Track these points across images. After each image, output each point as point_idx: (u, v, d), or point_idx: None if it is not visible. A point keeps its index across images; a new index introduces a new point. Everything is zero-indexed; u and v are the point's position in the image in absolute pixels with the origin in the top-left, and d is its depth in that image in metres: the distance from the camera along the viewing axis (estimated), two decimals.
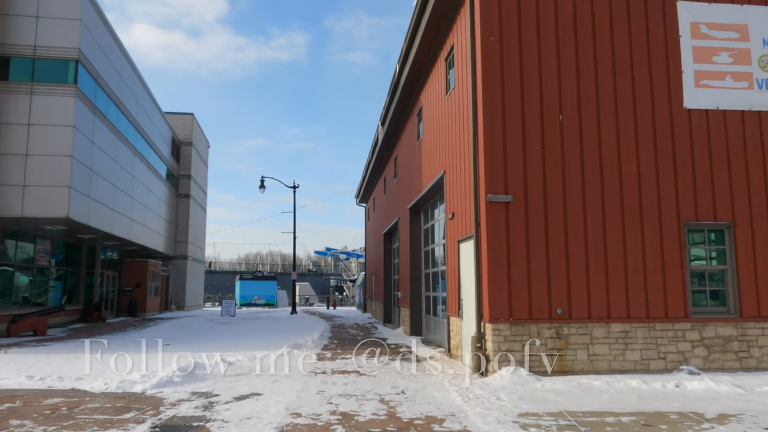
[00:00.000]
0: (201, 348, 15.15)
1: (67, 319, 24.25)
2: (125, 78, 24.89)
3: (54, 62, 18.71)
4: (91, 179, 20.30)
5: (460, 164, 11.40)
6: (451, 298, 11.97)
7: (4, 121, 18.09)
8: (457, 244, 11.47)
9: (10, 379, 9.40)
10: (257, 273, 54.11)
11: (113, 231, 23.27)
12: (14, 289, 20.98)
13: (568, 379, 8.83)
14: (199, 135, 43.05)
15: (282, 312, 36.58)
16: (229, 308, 29.73)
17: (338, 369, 10.68)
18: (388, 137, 21.02)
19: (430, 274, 16.43)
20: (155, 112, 31.58)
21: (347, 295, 67.98)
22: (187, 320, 27.32)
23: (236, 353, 13.40)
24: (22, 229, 20.76)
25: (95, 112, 20.63)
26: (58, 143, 18.25)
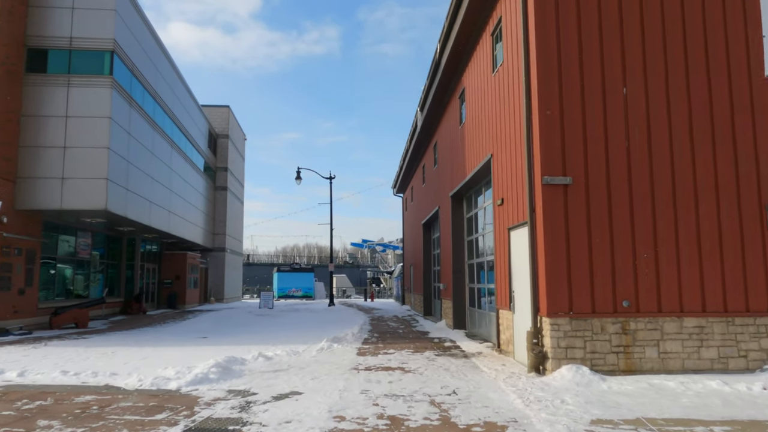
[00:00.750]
0: (239, 341, 14.78)
1: (108, 311, 24.41)
2: (161, 69, 24.77)
3: (89, 53, 18.58)
4: (129, 171, 20.19)
5: (509, 146, 10.57)
6: (501, 290, 11.18)
7: (43, 113, 18.07)
8: (507, 232, 10.67)
9: (44, 374, 9.10)
10: (294, 265, 54.15)
11: (151, 223, 23.23)
12: (56, 282, 21.12)
13: (636, 379, 7.97)
14: (235, 127, 43.05)
15: (320, 304, 36.32)
16: (267, 300, 29.54)
17: (381, 365, 10.05)
18: (428, 123, 20.23)
19: (474, 265, 15.65)
20: (192, 105, 31.54)
21: (384, 287, 67.56)
22: (226, 312, 27.23)
23: (275, 347, 12.94)
24: (64, 222, 20.85)
25: (131, 103, 20.50)
26: (95, 135, 18.13)
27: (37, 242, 18.97)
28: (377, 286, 67.89)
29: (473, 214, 15.81)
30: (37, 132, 17.98)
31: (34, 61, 18.35)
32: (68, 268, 22.24)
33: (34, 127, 17.99)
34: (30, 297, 18.53)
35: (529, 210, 8.91)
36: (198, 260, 35.10)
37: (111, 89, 18.46)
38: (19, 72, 17.97)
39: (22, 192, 17.70)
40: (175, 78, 27.50)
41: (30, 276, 18.54)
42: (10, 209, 17.35)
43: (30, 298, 18.53)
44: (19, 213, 17.78)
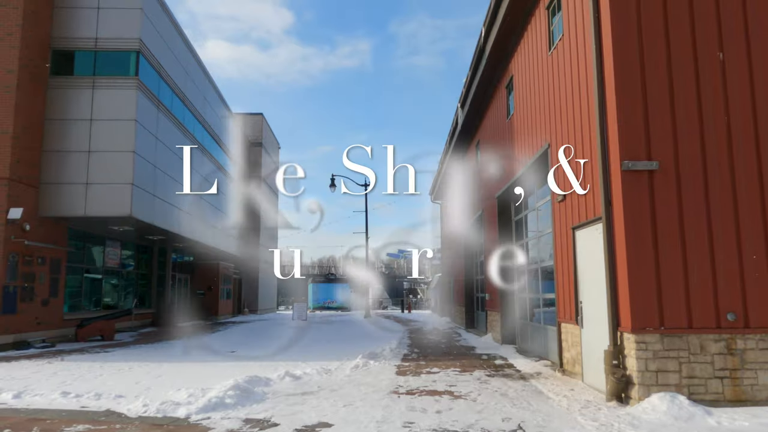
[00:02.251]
0: (267, 356, 13.55)
1: (137, 323, 23.64)
2: (191, 73, 24.08)
3: (115, 54, 17.88)
4: (156, 177, 19.37)
5: (572, 131, 9.07)
6: (564, 301, 9.62)
7: (68, 117, 17.40)
8: (571, 232, 9.13)
9: (43, 396, 8.00)
10: (329, 276, 53.06)
11: (181, 232, 22.39)
12: (83, 293, 20.42)
13: (750, 412, 6.33)
14: (269, 135, 42.42)
15: (355, 316, 35.02)
16: (301, 312, 28.39)
17: (425, 388, 8.61)
18: (469, 120, 18.79)
19: (525, 272, 14.07)
20: (224, 112, 30.88)
21: (421, 298, 65.84)
22: (258, 324, 26.19)
23: (304, 364, 11.64)
24: (91, 230, 20.16)
25: (159, 106, 19.73)
26: (120, 138, 17.35)
27: (62, 251, 18.25)
28: (414, 297, 66.25)
29: (523, 216, 14.26)
30: (62, 136, 17.31)
31: (59, 63, 17.73)
32: (96, 278, 21.54)
33: (58, 131, 17.33)
34: (55, 308, 17.77)
35: (603, 203, 7.38)
36: (231, 270, 34.31)
37: (136, 91, 17.67)
38: (44, 75, 17.35)
39: (45, 198, 17.00)
40: (206, 83, 26.83)
41: (55, 286, 17.80)
42: (34, 216, 16.65)
43: (55, 309, 17.76)
44: (43, 220, 17.08)
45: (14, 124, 15.80)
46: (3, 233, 15.27)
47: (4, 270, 15.25)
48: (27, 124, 16.42)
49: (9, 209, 15.33)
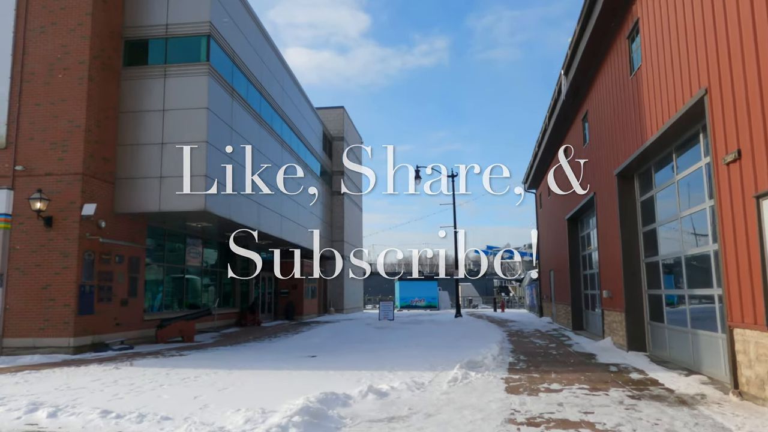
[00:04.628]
0: (349, 363, 11.85)
1: (222, 322, 22.93)
2: (268, 63, 23.03)
3: (185, 40, 16.96)
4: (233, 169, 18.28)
5: (751, 64, 6.55)
6: (740, 298, 7.08)
7: (142, 108, 16.68)
8: (754, 202, 6.60)
9: (80, 415, 6.65)
10: None
11: (260, 227, 21.34)
12: (164, 292, 19.82)
13: None
14: (351, 130, 41.23)
15: (445, 315, 32.92)
16: (387, 311, 26.72)
17: (552, 415, 6.45)
18: (575, 88, 16.18)
19: (656, 264, 11.44)
20: (304, 104, 29.84)
21: (513, 296, 62.48)
22: (343, 324, 24.80)
23: (391, 374, 9.80)
24: (170, 227, 19.52)
25: (233, 94, 18.69)
26: (192, 128, 16.37)
27: (141, 249, 17.61)
28: (506, 295, 63.05)
29: (652, 195, 11.62)
30: (135, 129, 16.59)
31: (132, 53, 17.06)
32: (178, 278, 20.95)
33: (132, 123, 16.63)
34: (134, 308, 17.12)
35: None
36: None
37: (208, 77, 16.64)
38: (116, 66, 16.72)
39: (121, 194, 16.34)
40: (284, 74, 25.78)
41: (134, 285, 17.16)
42: (110, 213, 16.02)
43: (134, 309, 17.12)
44: (120, 217, 16.44)
45: (87, 118, 15.16)
46: (77, 230, 14.65)
47: (80, 269, 14.61)
48: (100, 118, 15.78)
49: (83, 205, 14.69)
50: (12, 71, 15.38)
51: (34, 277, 14.50)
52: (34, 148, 15.04)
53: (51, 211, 14.61)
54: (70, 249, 14.56)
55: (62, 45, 15.38)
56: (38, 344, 14.21)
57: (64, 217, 14.68)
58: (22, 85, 15.32)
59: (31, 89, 15.28)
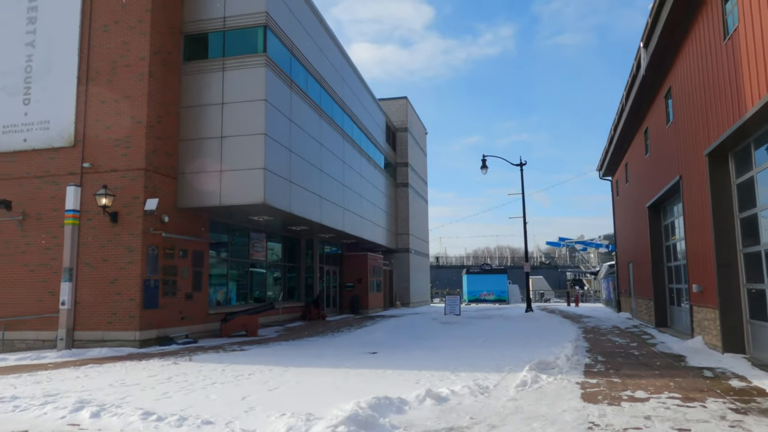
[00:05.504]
0: (410, 360, 11.21)
1: (286, 316, 22.90)
2: (327, 54, 22.66)
3: (242, 32, 16.79)
4: (291, 162, 18.08)
5: None
6: None
7: (202, 103, 16.68)
8: None
9: (122, 417, 6.36)
10: (485, 266, 49.85)
11: (322, 221, 21.06)
12: (228, 286, 19.92)
13: None
14: (415, 121, 40.46)
15: (515, 309, 31.64)
16: (454, 306, 25.84)
17: (637, 430, 5.51)
18: (656, 62, 14.67)
19: (761, 254, 10.03)
20: (366, 96, 29.37)
21: (588, 290, 59.74)
22: (409, 319, 24.19)
23: (454, 376, 9.07)
24: (233, 221, 19.56)
25: (291, 86, 18.41)
26: (250, 121, 16.20)
27: (204, 243, 17.71)
28: (580, 288, 60.40)
29: (752, 176, 10.19)
30: (196, 123, 16.63)
31: (191, 47, 17.11)
32: (242, 272, 21.03)
33: (192, 118, 16.68)
34: (199, 302, 17.24)
35: None
36: (380, 262, 32.88)
37: (265, 68, 16.39)
38: (177, 61, 16.80)
39: (183, 189, 16.43)
40: (345, 65, 25.38)
41: (198, 280, 17.27)
42: (173, 208, 16.14)
43: (199, 303, 17.24)
44: (183, 212, 16.54)
45: (148, 114, 15.29)
46: (141, 225, 14.80)
47: (144, 263, 14.76)
48: (161, 113, 15.89)
49: (146, 200, 14.82)
50: (79, 71, 15.74)
51: (102, 272, 14.79)
52: (100, 145, 15.33)
53: (116, 206, 14.84)
54: (135, 244, 14.73)
55: (124, 42, 15.58)
56: (107, 337, 14.49)
57: (128, 213, 14.88)
58: (88, 84, 15.65)
59: (96, 88, 15.58)
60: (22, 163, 15.83)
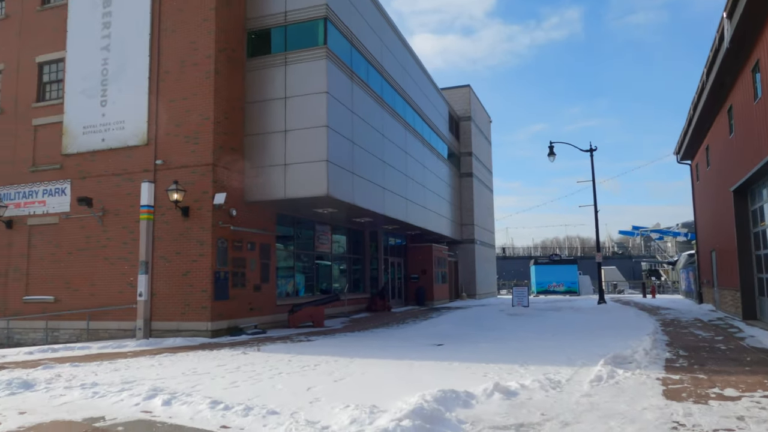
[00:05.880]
0: (476, 352, 10.94)
1: (352, 308, 23.06)
2: (388, 44, 22.51)
3: (303, 25, 16.90)
4: (354, 153, 18.09)
5: None
6: None
7: (266, 98, 16.96)
8: None
9: (191, 405, 6.49)
10: (554, 256, 48.40)
11: (385, 212, 21.00)
12: (295, 278, 20.24)
13: None
14: (478, 109, 39.69)
15: (586, 301, 30.50)
16: (522, 297, 25.18)
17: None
18: (741, 33, 13.53)
19: None
20: (428, 85, 29.02)
21: (666, 280, 56.83)
22: (475, 310, 23.79)
23: (523, 369, 8.74)
24: (299, 214, 19.83)
25: (352, 77, 18.39)
26: (312, 114, 16.30)
27: (271, 236, 18.05)
28: (656, 279, 57.57)
29: None
30: (260, 118, 16.92)
31: (255, 43, 17.40)
32: (308, 264, 21.32)
33: (257, 113, 16.98)
34: (267, 294, 17.61)
35: None
36: (445, 253, 32.54)
37: (326, 60, 16.43)
38: (241, 58, 17.14)
39: (249, 183, 16.78)
40: (406, 55, 25.14)
41: (266, 271, 17.64)
42: (240, 202, 16.52)
43: (267, 294, 17.61)
44: (250, 206, 16.90)
45: (215, 110, 15.68)
46: (211, 219, 15.23)
47: (214, 256, 15.19)
48: (227, 109, 16.26)
49: (214, 195, 15.23)
50: (150, 72, 16.34)
51: (176, 265, 15.35)
52: (170, 143, 15.88)
53: (187, 201, 15.34)
54: (205, 237, 15.18)
55: (191, 42, 16.03)
56: (181, 327, 15.04)
57: (198, 207, 15.34)
58: (158, 84, 16.23)
59: (165, 87, 16.13)
60: (100, 162, 16.66)
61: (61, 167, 17.20)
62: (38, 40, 18.23)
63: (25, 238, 17.46)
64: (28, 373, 8.97)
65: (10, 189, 17.90)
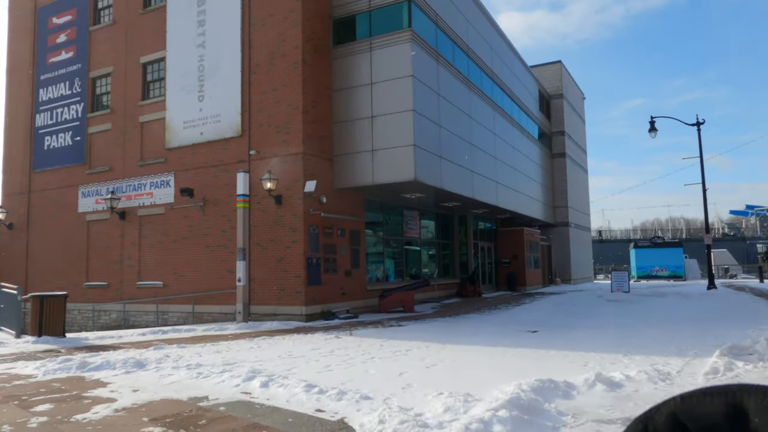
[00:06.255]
0: (574, 340, 10.46)
1: (442, 293, 22.91)
2: (474, 23, 21.91)
3: (387, 9, 16.78)
4: (441, 136, 17.82)
5: None
6: None
7: (351, 84, 17.07)
8: None
9: (287, 387, 6.64)
10: (656, 239, 45.50)
11: (474, 195, 20.58)
12: (384, 263, 20.37)
13: None
14: (570, 85, 37.86)
15: (693, 286, 28.41)
16: (621, 282, 23.87)
17: None
18: None
19: None
20: (516, 63, 28.03)
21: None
22: (570, 296, 22.88)
23: (627, 358, 8.24)
24: (387, 200, 19.90)
25: (438, 59, 18.06)
26: (398, 98, 16.19)
27: (360, 222, 18.24)
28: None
29: None
30: (347, 105, 17.06)
31: (340, 31, 17.53)
32: (397, 249, 21.39)
33: (343, 100, 17.14)
34: (357, 279, 17.86)
35: None
36: (538, 237, 31.51)
37: (411, 43, 16.23)
38: (327, 46, 17.33)
39: (338, 170, 17.02)
40: (493, 34, 24.39)
41: (356, 257, 17.88)
42: (330, 189, 16.80)
43: (358, 280, 17.86)
44: (339, 193, 17.15)
45: (303, 100, 15.98)
46: (302, 207, 15.61)
47: (306, 242, 15.58)
48: (315, 98, 16.52)
49: (305, 183, 15.58)
50: (242, 65, 16.92)
51: (270, 251, 15.90)
52: (263, 133, 16.39)
53: (279, 190, 15.80)
54: (297, 224, 15.59)
55: (279, 33, 16.39)
56: (277, 312, 15.60)
57: (290, 195, 15.76)
58: (250, 77, 16.77)
59: (257, 79, 16.64)
60: (199, 155, 17.53)
61: (165, 161, 18.29)
62: (141, 42, 19.41)
63: (136, 228, 18.80)
64: (141, 353, 9.63)
65: (122, 183, 19.31)
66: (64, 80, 21.54)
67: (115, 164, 19.64)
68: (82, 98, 20.88)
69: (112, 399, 6.31)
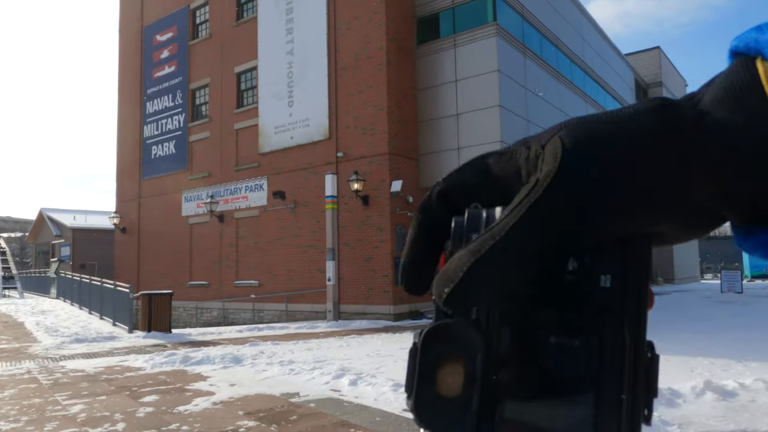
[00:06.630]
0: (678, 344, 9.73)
1: None
2: (562, 12, 21.07)
3: (471, 5, 16.51)
4: (529, 132, 17.13)
5: None
6: None
7: (436, 83, 16.96)
8: None
9: (375, 386, 6.68)
10: None
11: None
12: None
13: None
14: (670, 72, 35.47)
15: None
16: (733, 282, 22.00)
17: None
18: None
19: None
20: (609, 52, 26.66)
21: None
22: (674, 297, 21.42)
23: (741, 365, 7.55)
24: None
25: (525, 52, 17.53)
26: (484, 94, 15.87)
27: None
28: None
29: None
30: (432, 104, 16.98)
31: (423, 30, 17.47)
32: None
33: (428, 99, 17.07)
34: None
35: None
36: None
37: (496, 38, 15.88)
38: (411, 46, 17.35)
39: (423, 169, 16.98)
40: (583, 22, 23.35)
41: None
42: (416, 188, 16.79)
43: None
44: (425, 192, 17.02)
45: (388, 100, 16.09)
46: (389, 207, 15.71)
47: (394, 242, 15.67)
48: (400, 98, 16.58)
49: (391, 183, 15.68)
50: (328, 69, 17.32)
51: (358, 251, 16.14)
52: (350, 135, 16.68)
53: (366, 190, 16.00)
54: (384, 224, 15.72)
55: (363, 36, 16.61)
56: (366, 311, 15.80)
57: (376, 195, 15.92)
58: (336, 81, 17.13)
59: (343, 82, 16.96)
60: (290, 158, 18.14)
61: (259, 165, 19.09)
62: (235, 53, 20.40)
63: (233, 229, 19.78)
64: (238, 349, 10.09)
65: (220, 187, 20.38)
66: (167, 93, 23.09)
67: (214, 170, 20.76)
68: (184, 109, 22.28)
69: (211, 392, 6.64)
